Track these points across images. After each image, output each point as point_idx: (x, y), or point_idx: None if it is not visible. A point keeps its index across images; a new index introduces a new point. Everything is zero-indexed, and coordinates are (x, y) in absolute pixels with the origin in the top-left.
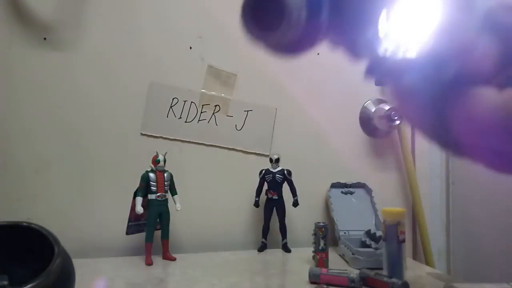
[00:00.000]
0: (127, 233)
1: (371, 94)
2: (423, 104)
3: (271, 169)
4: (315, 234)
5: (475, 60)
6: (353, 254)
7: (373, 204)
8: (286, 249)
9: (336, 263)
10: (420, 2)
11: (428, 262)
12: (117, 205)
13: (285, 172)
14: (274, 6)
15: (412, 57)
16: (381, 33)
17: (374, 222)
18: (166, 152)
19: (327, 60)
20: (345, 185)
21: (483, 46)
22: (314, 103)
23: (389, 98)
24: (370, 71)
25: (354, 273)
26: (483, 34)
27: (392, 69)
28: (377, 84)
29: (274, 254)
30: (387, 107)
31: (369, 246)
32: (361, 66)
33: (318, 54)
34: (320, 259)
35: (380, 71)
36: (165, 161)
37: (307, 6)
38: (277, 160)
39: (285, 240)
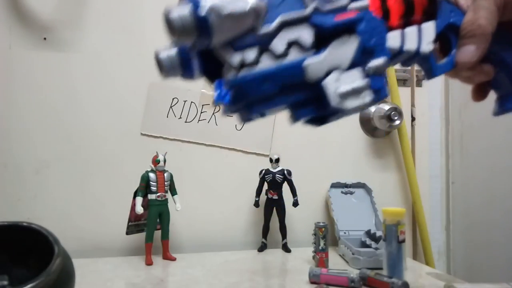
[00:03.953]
0: (127, 233)
1: None
2: None
3: (271, 169)
4: (315, 234)
5: None
6: (353, 254)
7: (373, 204)
8: (286, 249)
9: (336, 263)
10: None
11: (428, 262)
12: (117, 205)
13: (285, 172)
14: None
15: None
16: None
17: (374, 222)
18: (166, 152)
19: None
20: (345, 185)
21: None
22: None
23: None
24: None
25: (354, 273)
26: None
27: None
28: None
29: (274, 254)
30: (387, 107)
31: (369, 246)
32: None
33: None
34: (320, 259)
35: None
36: (165, 161)
37: (179, 63)
38: (277, 160)
39: (285, 240)
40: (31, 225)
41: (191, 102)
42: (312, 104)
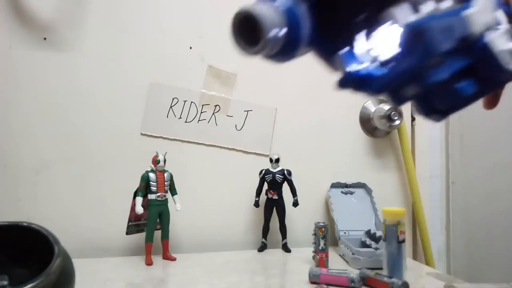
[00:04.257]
0: (127, 233)
1: None
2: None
3: (271, 169)
4: (315, 234)
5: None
6: (353, 254)
7: (373, 204)
8: (286, 249)
9: (336, 263)
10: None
11: (428, 262)
12: (117, 205)
13: (285, 172)
14: (253, 25)
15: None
16: (357, 51)
17: (374, 222)
18: (166, 152)
19: None
20: (345, 185)
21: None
22: (314, 103)
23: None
24: (342, 84)
25: (354, 273)
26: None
27: (363, 84)
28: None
29: (274, 254)
30: (386, 107)
31: (369, 246)
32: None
33: None
34: (320, 259)
35: (352, 85)
36: (165, 161)
37: (286, 26)
38: (277, 160)
39: (285, 240)
40: (31, 225)
41: (191, 102)
42: (472, 74)
